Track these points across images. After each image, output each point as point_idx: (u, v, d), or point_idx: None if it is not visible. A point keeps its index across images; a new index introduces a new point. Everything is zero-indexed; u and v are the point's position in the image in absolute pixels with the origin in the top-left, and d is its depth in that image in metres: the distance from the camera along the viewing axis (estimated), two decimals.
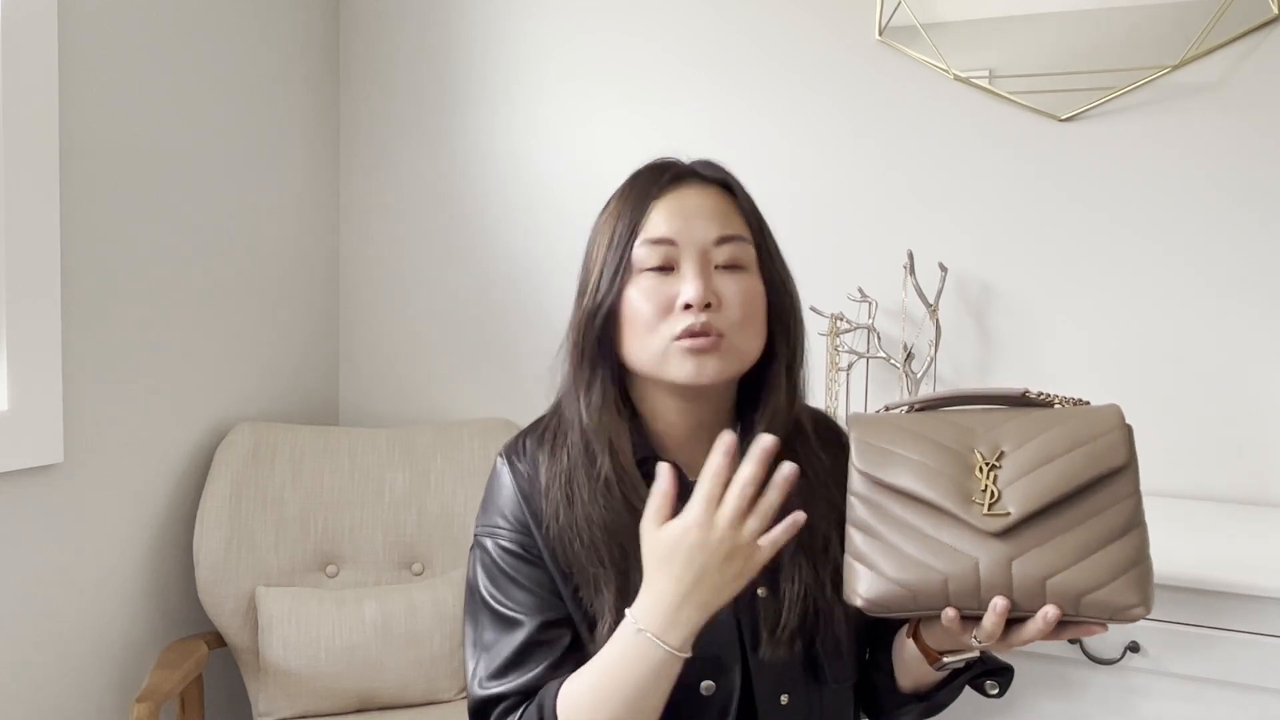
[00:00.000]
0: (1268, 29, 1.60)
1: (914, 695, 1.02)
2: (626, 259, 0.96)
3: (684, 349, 0.93)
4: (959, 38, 1.76)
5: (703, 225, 0.96)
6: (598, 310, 0.97)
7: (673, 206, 0.97)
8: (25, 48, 1.51)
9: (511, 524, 0.99)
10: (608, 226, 0.99)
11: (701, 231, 0.96)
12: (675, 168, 1.01)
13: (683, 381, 0.95)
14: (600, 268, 0.98)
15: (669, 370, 0.95)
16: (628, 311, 0.96)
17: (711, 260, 0.96)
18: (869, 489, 0.87)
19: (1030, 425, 0.86)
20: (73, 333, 1.63)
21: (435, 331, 2.21)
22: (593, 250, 1.01)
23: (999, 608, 0.79)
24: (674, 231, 0.96)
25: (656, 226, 0.96)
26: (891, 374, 1.79)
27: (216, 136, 1.92)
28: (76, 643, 1.67)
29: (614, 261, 0.97)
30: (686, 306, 0.93)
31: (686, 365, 0.94)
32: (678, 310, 0.94)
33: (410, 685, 1.78)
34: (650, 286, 0.95)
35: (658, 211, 0.97)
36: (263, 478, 1.85)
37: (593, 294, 0.98)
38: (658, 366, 0.95)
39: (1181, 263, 1.67)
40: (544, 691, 0.93)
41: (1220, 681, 1.25)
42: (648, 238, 0.96)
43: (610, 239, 0.98)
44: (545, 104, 2.09)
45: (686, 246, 0.95)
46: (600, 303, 0.97)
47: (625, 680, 0.87)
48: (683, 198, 0.98)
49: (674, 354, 0.94)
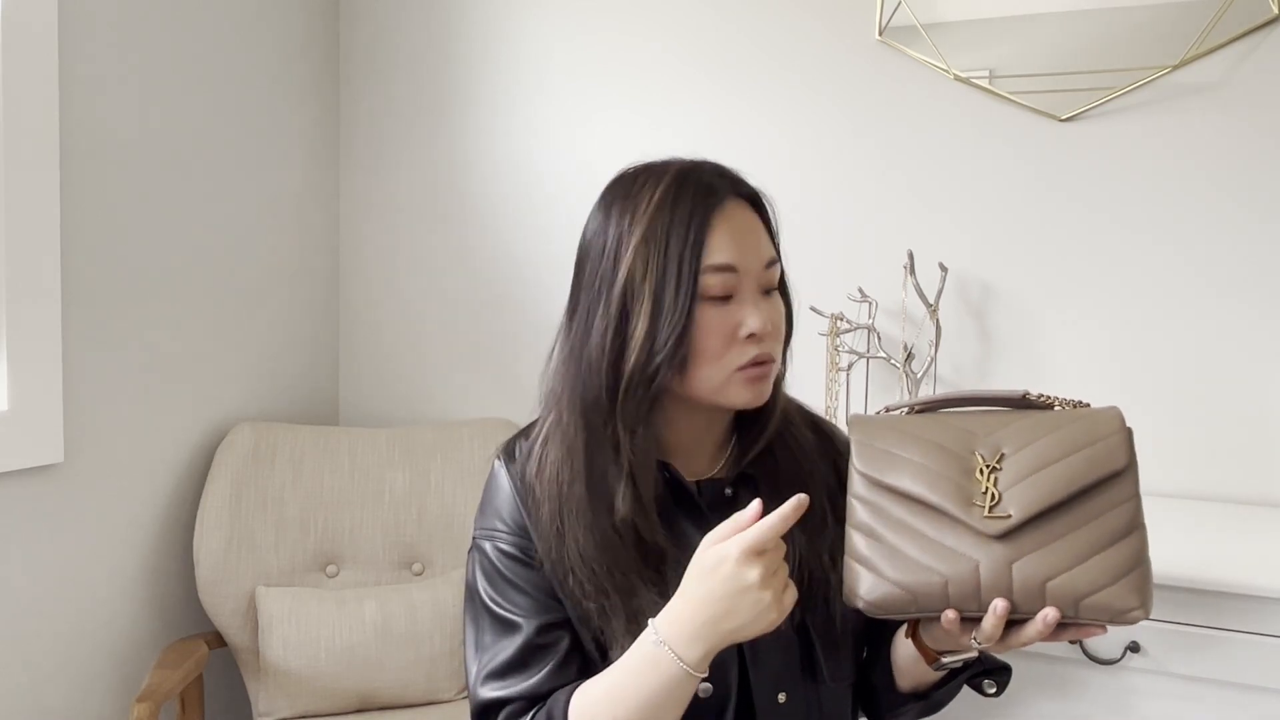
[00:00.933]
0: (1268, 29, 1.60)
1: (912, 695, 1.02)
2: (695, 288, 0.91)
3: (746, 378, 0.93)
4: (959, 38, 1.76)
5: (754, 250, 0.94)
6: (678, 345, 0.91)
7: (730, 229, 0.93)
8: (25, 48, 1.51)
9: (509, 526, 0.99)
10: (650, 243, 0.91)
11: (754, 257, 0.94)
12: (727, 182, 0.96)
13: (741, 406, 0.95)
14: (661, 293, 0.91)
15: (726, 396, 0.94)
16: (698, 340, 0.92)
17: (760, 286, 0.95)
18: (870, 491, 0.87)
19: (1031, 428, 0.86)
20: (73, 333, 1.63)
21: (435, 331, 2.21)
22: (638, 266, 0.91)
23: (999, 610, 0.79)
24: (736, 258, 0.92)
25: (720, 252, 0.91)
26: (891, 374, 1.79)
27: (216, 136, 1.92)
28: (76, 643, 1.67)
29: (685, 287, 0.90)
30: (750, 336, 0.93)
31: (747, 392, 0.94)
32: (741, 339, 0.93)
33: (410, 685, 1.78)
34: (716, 316, 0.92)
35: (718, 234, 0.92)
36: (263, 478, 1.85)
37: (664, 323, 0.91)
38: (716, 393, 0.94)
39: (1181, 262, 1.67)
40: (553, 699, 0.92)
41: (1220, 681, 1.25)
42: (712, 264, 0.91)
43: (662, 260, 0.91)
44: (545, 104, 2.08)
45: (745, 273, 0.93)
46: (666, 346, 0.90)
47: (639, 692, 0.86)
48: (735, 219, 0.94)
49: (736, 382, 0.94)
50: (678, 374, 0.93)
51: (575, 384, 0.96)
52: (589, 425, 0.95)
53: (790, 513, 0.82)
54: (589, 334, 0.94)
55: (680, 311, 0.90)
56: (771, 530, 0.82)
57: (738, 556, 0.82)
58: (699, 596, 0.84)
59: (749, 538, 0.82)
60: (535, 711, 0.93)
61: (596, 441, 0.94)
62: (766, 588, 0.82)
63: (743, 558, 0.81)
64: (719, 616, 0.83)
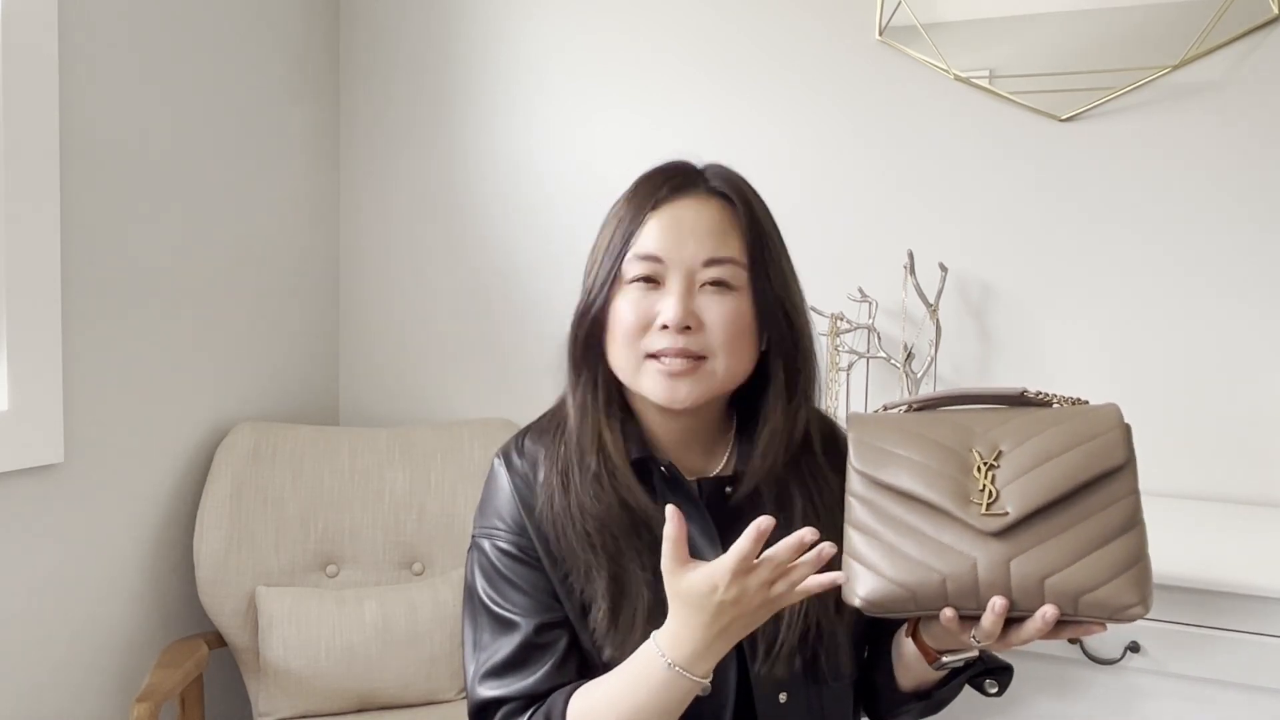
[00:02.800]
0: (1268, 29, 1.60)
1: (913, 694, 1.02)
2: (617, 268, 0.98)
3: (658, 369, 0.95)
4: (959, 38, 1.76)
5: (693, 245, 0.96)
6: (587, 313, 1.00)
7: (666, 222, 0.97)
8: (25, 48, 1.52)
9: (509, 525, 1.00)
10: (607, 230, 1.01)
11: (691, 251, 0.96)
12: (678, 178, 1.00)
13: (656, 401, 0.96)
14: (595, 271, 1.01)
15: (643, 386, 0.96)
16: (613, 319, 0.98)
17: (697, 280, 0.96)
18: (867, 489, 0.87)
19: (1029, 425, 0.86)
20: (73, 333, 1.63)
21: (435, 331, 2.21)
22: (594, 251, 1.03)
23: (997, 607, 0.79)
24: (663, 249, 0.96)
25: (647, 242, 0.97)
26: (891, 374, 1.79)
27: (217, 137, 1.92)
28: (76, 643, 1.67)
29: (606, 268, 0.99)
30: (664, 327, 0.94)
31: (660, 386, 0.95)
32: (656, 328, 0.95)
33: (410, 685, 1.78)
34: (636, 299, 0.96)
35: (651, 226, 0.97)
36: (263, 478, 1.85)
37: (586, 296, 1.01)
38: (633, 379, 0.97)
39: (1181, 262, 1.67)
40: (551, 699, 0.93)
41: (1220, 681, 1.25)
42: (637, 252, 0.97)
43: (608, 244, 1.00)
44: (545, 104, 2.09)
45: (673, 265, 0.96)
46: (590, 306, 0.99)
47: (642, 696, 0.88)
48: (679, 212, 0.98)
49: (648, 371, 0.95)
50: (603, 348, 0.99)
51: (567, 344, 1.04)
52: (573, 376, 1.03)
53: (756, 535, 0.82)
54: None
55: (603, 281, 0.98)
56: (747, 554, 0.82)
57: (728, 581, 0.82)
58: (700, 621, 0.85)
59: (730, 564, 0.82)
60: (533, 711, 0.93)
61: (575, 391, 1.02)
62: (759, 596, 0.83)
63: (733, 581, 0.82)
64: (719, 635, 0.85)
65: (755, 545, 0.82)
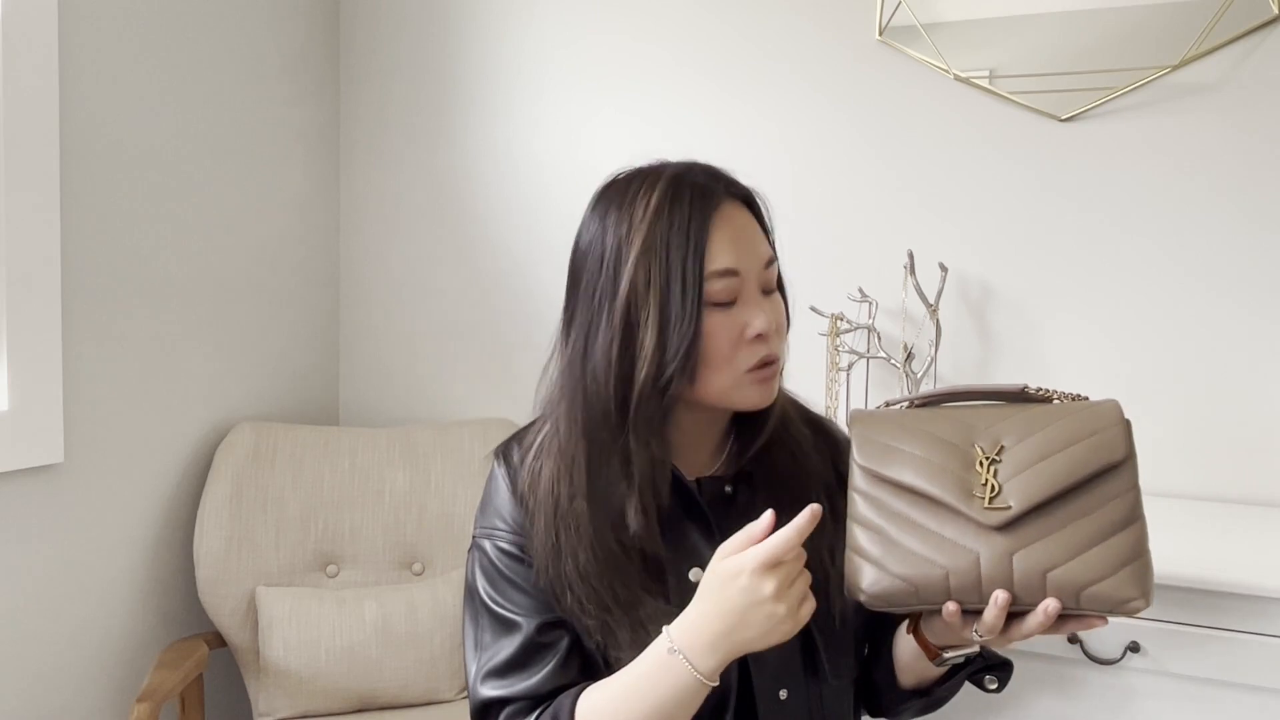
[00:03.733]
0: (1268, 29, 1.60)
1: (914, 691, 1.02)
2: (701, 294, 0.90)
3: (757, 378, 0.94)
4: (959, 38, 1.76)
5: (752, 251, 0.94)
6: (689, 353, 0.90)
7: (728, 232, 0.92)
8: (25, 48, 1.52)
9: (509, 526, 0.99)
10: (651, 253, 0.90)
11: (752, 258, 0.94)
12: (721, 184, 0.96)
13: (751, 407, 0.95)
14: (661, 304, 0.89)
15: (737, 398, 0.94)
16: (705, 350, 0.91)
17: (762, 285, 0.95)
18: (870, 484, 0.87)
19: (1030, 420, 0.86)
20: (73, 333, 1.63)
21: (435, 331, 2.21)
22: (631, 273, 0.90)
23: (1000, 601, 0.79)
24: (737, 261, 0.92)
25: (722, 256, 0.91)
26: (892, 374, 1.79)
27: (217, 136, 1.92)
28: (76, 643, 1.67)
29: (692, 299, 0.89)
30: (758, 337, 0.93)
31: (757, 393, 0.94)
32: (748, 341, 0.93)
33: (410, 685, 1.77)
34: (722, 321, 0.92)
35: (718, 238, 0.91)
36: (263, 478, 1.85)
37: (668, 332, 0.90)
38: (725, 396, 0.94)
39: (1181, 262, 1.67)
40: (558, 701, 0.92)
41: (1220, 681, 1.25)
42: (715, 269, 0.90)
43: (665, 269, 0.90)
44: (545, 104, 2.09)
45: (747, 275, 0.93)
46: (675, 359, 0.89)
47: (649, 698, 0.87)
48: (732, 220, 0.94)
49: (746, 383, 0.94)
50: (689, 382, 0.92)
51: (576, 397, 0.94)
52: (593, 439, 0.93)
53: (805, 524, 0.82)
54: (590, 346, 0.93)
55: (689, 319, 0.89)
56: (787, 543, 0.81)
57: (753, 569, 0.82)
58: (714, 607, 0.84)
59: (764, 551, 0.81)
60: (540, 712, 0.93)
61: (603, 455, 0.93)
62: (781, 600, 0.82)
63: (759, 570, 0.81)
64: (733, 628, 0.83)
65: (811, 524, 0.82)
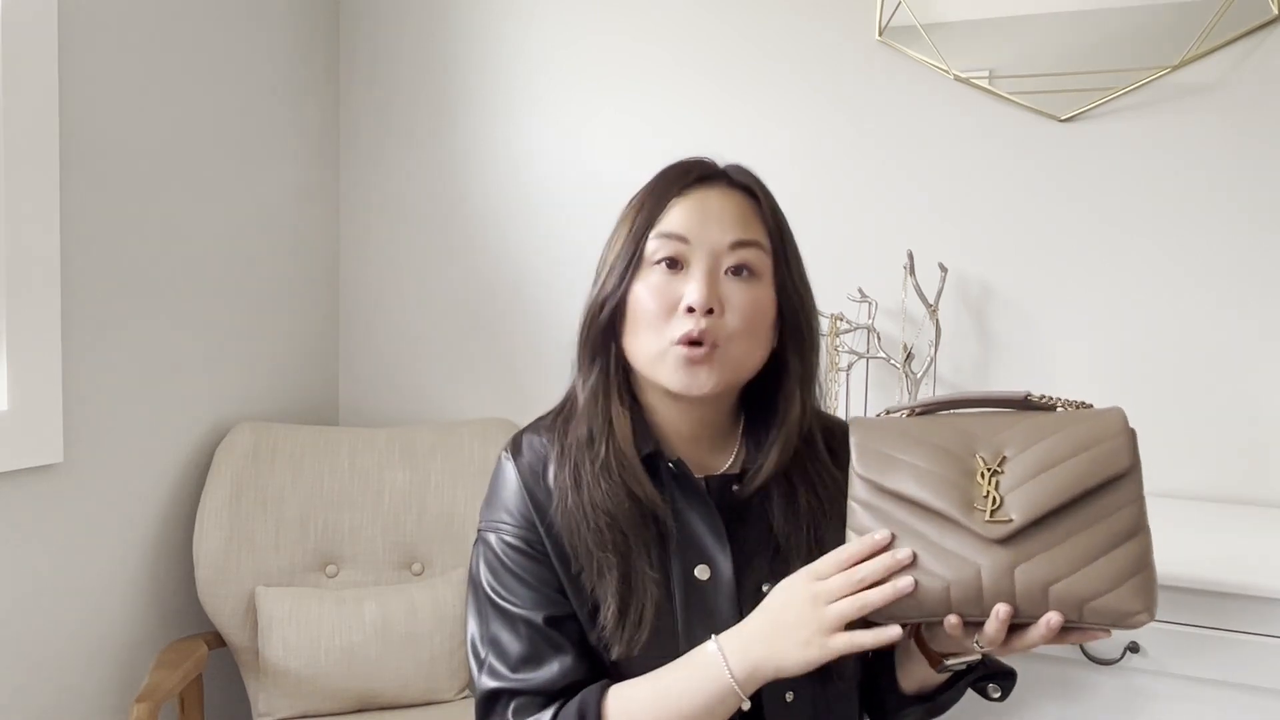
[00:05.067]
0: (1268, 29, 1.60)
1: (915, 696, 1.02)
2: (640, 251, 0.97)
3: (680, 356, 0.93)
4: (959, 38, 1.76)
5: (719, 228, 0.96)
6: (606, 300, 0.98)
7: (692, 205, 0.97)
8: (25, 48, 1.51)
9: (516, 519, 0.99)
10: (628, 218, 1.00)
11: (717, 234, 0.95)
12: (703, 167, 1.01)
13: (675, 390, 0.95)
14: (614, 257, 0.99)
15: (662, 374, 0.95)
16: (633, 306, 0.96)
17: (722, 265, 0.95)
18: (870, 494, 0.86)
19: (1033, 430, 0.85)
20: (73, 333, 1.63)
21: (435, 331, 2.21)
22: (611, 240, 1.01)
23: (1002, 614, 0.79)
24: (688, 229, 0.96)
25: (672, 222, 0.96)
26: (891, 374, 1.79)
27: (217, 136, 1.92)
28: (76, 643, 1.67)
29: (627, 252, 0.97)
30: (689, 310, 0.93)
31: (680, 375, 0.94)
32: (680, 312, 0.93)
33: (410, 685, 1.78)
34: (658, 283, 0.95)
35: (677, 208, 0.97)
36: (263, 478, 1.85)
37: (603, 282, 0.99)
38: (653, 367, 0.96)
39: (1181, 262, 1.67)
40: (582, 698, 0.93)
41: (1221, 682, 1.25)
42: (661, 231, 0.96)
43: (629, 230, 0.98)
44: (545, 104, 2.08)
45: (698, 246, 0.95)
46: (609, 292, 0.98)
47: (682, 696, 0.89)
48: (704, 198, 0.98)
49: (670, 358, 0.94)
50: (619, 337, 0.98)
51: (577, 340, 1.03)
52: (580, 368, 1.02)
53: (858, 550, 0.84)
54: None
55: (624, 260, 0.97)
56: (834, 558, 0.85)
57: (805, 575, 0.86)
58: (761, 612, 0.88)
59: (814, 565, 0.86)
60: (559, 706, 0.93)
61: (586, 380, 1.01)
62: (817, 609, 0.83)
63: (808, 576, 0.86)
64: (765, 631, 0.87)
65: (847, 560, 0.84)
